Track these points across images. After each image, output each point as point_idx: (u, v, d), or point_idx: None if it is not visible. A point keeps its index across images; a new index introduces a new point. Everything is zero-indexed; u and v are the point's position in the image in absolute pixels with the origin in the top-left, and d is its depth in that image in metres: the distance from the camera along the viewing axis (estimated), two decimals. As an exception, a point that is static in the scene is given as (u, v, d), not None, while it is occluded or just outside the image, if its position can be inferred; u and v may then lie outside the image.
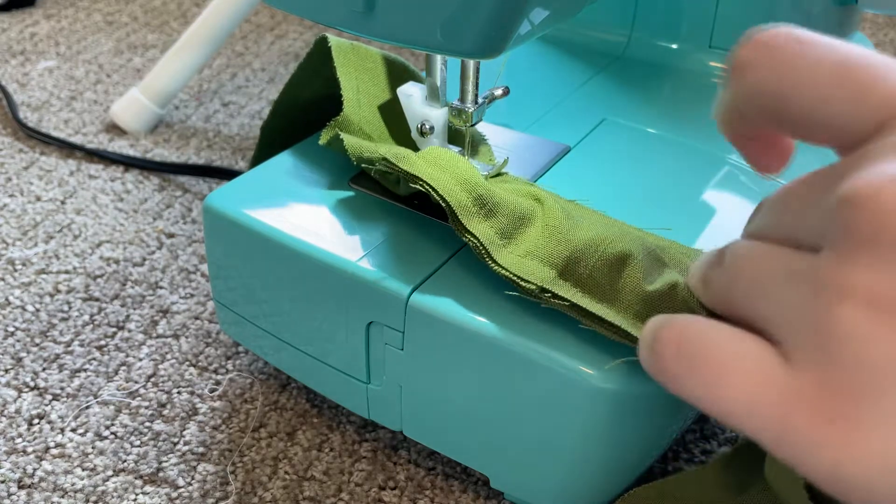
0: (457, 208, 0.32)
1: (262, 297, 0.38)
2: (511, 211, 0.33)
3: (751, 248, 0.21)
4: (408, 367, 0.34)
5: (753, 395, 0.18)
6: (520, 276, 0.31)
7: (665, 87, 0.50)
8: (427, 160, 0.34)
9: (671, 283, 0.29)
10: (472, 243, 0.32)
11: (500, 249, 0.32)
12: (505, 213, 0.33)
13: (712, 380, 0.19)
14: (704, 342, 0.20)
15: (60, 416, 0.41)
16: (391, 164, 0.34)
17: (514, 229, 0.32)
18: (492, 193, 0.33)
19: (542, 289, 0.30)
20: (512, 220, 0.32)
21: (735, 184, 0.40)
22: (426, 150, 0.35)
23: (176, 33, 0.82)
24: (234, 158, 0.63)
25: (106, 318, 0.47)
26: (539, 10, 0.30)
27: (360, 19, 0.31)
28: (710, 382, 0.19)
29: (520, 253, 0.32)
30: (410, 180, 0.33)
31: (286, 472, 0.38)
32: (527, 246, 0.32)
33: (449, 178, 0.33)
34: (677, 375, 0.20)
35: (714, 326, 0.20)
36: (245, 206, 0.37)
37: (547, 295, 0.30)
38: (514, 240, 0.32)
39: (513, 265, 0.31)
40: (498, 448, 0.33)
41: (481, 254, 0.32)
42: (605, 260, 0.30)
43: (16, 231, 0.54)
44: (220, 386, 0.43)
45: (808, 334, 0.18)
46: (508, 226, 0.32)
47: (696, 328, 0.20)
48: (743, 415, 0.19)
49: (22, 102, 0.69)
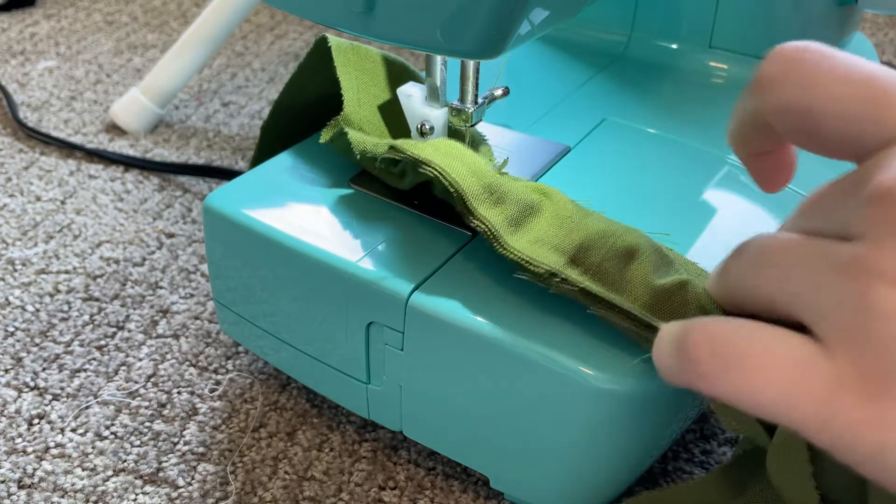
0: (467, 192, 0.32)
1: (262, 297, 0.38)
2: (520, 200, 0.33)
3: (782, 239, 0.21)
4: (408, 368, 0.34)
5: (793, 387, 0.19)
6: (530, 260, 0.30)
7: (665, 87, 0.50)
8: (436, 148, 0.34)
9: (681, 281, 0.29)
10: (481, 228, 0.32)
11: (511, 235, 0.32)
12: (514, 201, 0.32)
13: (750, 376, 0.19)
14: (737, 340, 0.20)
15: (60, 416, 0.41)
16: (399, 151, 0.34)
17: (523, 218, 0.32)
18: (500, 183, 0.33)
19: (551, 273, 0.30)
20: (521, 209, 0.32)
21: (735, 184, 0.40)
22: (434, 141, 0.35)
23: (176, 33, 0.82)
24: (234, 158, 0.63)
25: (106, 318, 0.47)
26: (539, 10, 0.30)
27: (360, 19, 0.31)
28: (748, 379, 0.19)
29: (529, 239, 0.32)
30: (419, 166, 0.33)
31: (286, 472, 0.38)
32: (536, 233, 0.32)
33: (459, 164, 0.33)
34: (712, 376, 0.20)
35: (743, 324, 0.20)
36: (245, 206, 0.37)
37: (556, 280, 0.30)
38: (522, 227, 0.32)
39: (523, 249, 0.31)
40: (498, 448, 0.33)
41: (490, 238, 0.31)
42: (615, 251, 0.30)
43: (16, 231, 0.54)
44: (220, 386, 0.43)
45: (844, 318, 0.18)
46: (517, 214, 0.32)
47: (726, 328, 0.20)
48: (784, 407, 0.19)
49: (22, 102, 0.69)
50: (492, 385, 0.32)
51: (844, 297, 0.18)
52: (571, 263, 0.30)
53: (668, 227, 0.35)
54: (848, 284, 0.18)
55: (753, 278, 0.22)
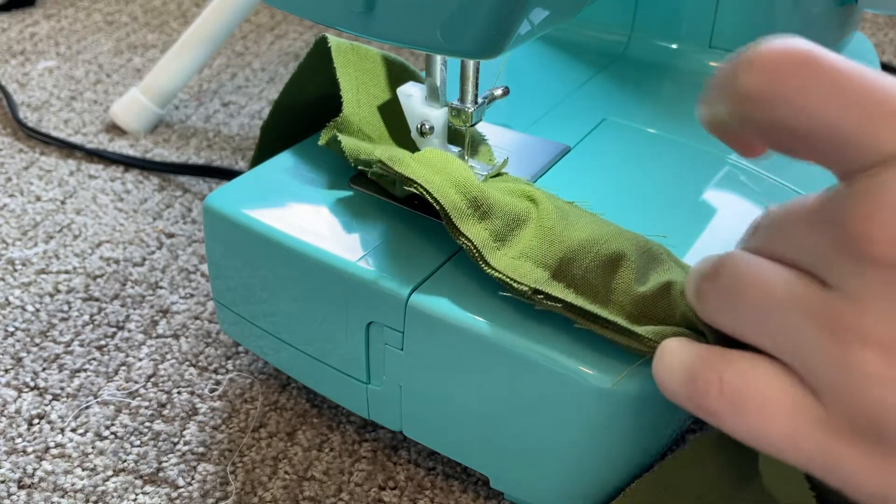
0: (451, 210, 0.32)
1: (262, 297, 0.38)
2: (506, 212, 0.33)
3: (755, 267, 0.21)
4: (408, 367, 0.34)
5: (795, 432, 0.19)
6: (512, 279, 0.31)
7: (665, 87, 0.50)
8: (421, 162, 0.34)
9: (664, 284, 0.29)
10: (466, 246, 0.32)
11: (494, 252, 0.32)
12: (499, 214, 0.33)
13: (756, 419, 0.20)
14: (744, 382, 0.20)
15: (60, 416, 0.41)
16: (386, 167, 0.34)
17: (508, 231, 0.32)
18: (486, 195, 0.33)
19: (534, 290, 0.30)
20: (506, 222, 0.33)
21: (735, 184, 0.40)
22: (421, 152, 0.35)
23: (176, 33, 0.82)
24: (234, 158, 0.63)
25: (106, 318, 0.47)
26: (539, 10, 0.30)
27: (360, 19, 0.31)
28: (753, 421, 0.20)
29: (513, 255, 0.32)
30: (405, 183, 0.33)
31: (286, 472, 0.38)
32: (521, 247, 0.32)
33: (443, 179, 0.33)
34: (721, 414, 0.20)
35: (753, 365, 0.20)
36: (245, 206, 0.37)
37: (540, 297, 0.30)
38: (508, 241, 0.32)
39: (506, 267, 0.31)
40: (498, 448, 0.33)
41: (474, 256, 0.32)
42: (598, 260, 0.30)
43: (16, 231, 0.54)
44: (220, 386, 0.43)
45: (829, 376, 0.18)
46: (503, 227, 0.32)
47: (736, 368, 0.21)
48: (788, 450, 0.19)
49: (22, 102, 0.69)
50: (492, 385, 0.32)
51: (829, 357, 0.18)
52: (554, 278, 0.31)
53: (668, 228, 0.35)
54: (832, 346, 0.18)
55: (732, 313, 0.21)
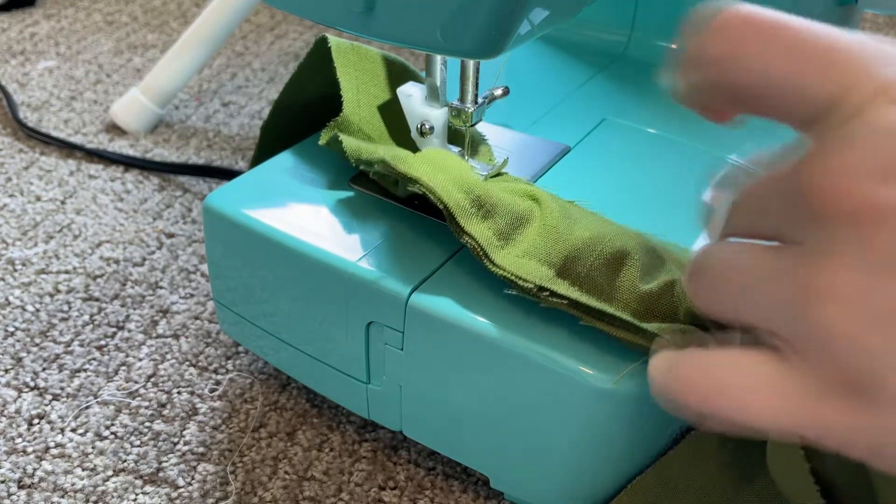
0: (454, 209, 0.32)
1: (262, 297, 0.38)
2: (509, 211, 0.33)
3: (730, 250, 0.21)
4: (408, 367, 0.34)
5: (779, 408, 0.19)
6: (517, 276, 0.31)
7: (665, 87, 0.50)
8: (424, 161, 0.34)
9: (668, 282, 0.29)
10: (470, 244, 0.32)
11: (498, 250, 0.32)
12: (502, 213, 0.33)
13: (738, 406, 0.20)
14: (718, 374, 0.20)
15: (60, 416, 0.41)
16: (389, 167, 0.34)
17: (511, 230, 0.32)
18: (489, 194, 0.33)
19: (540, 287, 0.30)
20: (510, 221, 0.33)
21: (735, 184, 0.40)
22: (424, 152, 0.35)
23: (176, 33, 0.82)
24: (234, 158, 0.63)
25: (106, 318, 0.47)
26: (539, 10, 0.30)
27: (360, 19, 0.31)
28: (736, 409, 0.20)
29: (518, 253, 0.32)
30: (408, 182, 0.33)
31: (286, 472, 0.38)
32: (524, 246, 0.32)
33: (446, 179, 0.33)
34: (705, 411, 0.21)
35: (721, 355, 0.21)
36: (245, 206, 0.37)
37: (545, 293, 0.30)
38: (511, 240, 0.32)
39: (511, 265, 0.31)
40: (498, 448, 0.33)
41: (479, 255, 0.32)
42: (602, 258, 0.30)
43: (16, 231, 0.54)
44: (220, 386, 0.43)
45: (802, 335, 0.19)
46: (506, 226, 0.32)
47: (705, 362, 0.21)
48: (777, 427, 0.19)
49: (22, 102, 0.69)
50: (492, 385, 0.32)
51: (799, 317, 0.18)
52: (559, 275, 0.31)
53: (668, 227, 0.35)
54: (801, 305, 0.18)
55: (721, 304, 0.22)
